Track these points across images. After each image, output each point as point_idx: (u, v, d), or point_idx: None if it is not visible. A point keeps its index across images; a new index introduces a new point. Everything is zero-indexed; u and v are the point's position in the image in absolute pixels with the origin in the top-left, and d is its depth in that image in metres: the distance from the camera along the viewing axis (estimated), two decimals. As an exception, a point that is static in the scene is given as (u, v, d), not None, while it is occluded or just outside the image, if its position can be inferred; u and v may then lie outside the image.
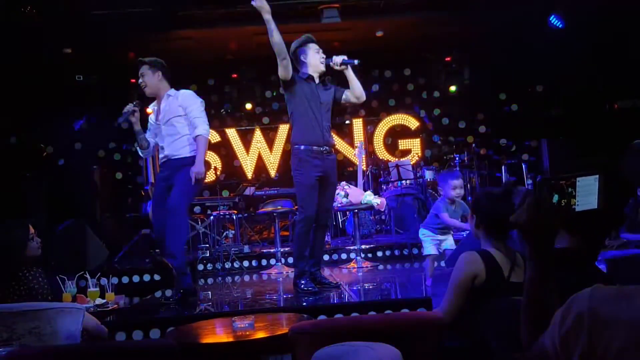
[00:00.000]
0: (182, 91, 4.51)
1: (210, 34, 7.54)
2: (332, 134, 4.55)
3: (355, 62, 4.42)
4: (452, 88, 9.23)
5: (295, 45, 4.50)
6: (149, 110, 4.64)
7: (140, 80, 4.49)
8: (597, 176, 1.36)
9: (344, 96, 4.54)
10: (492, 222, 2.33)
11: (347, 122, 9.34)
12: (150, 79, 4.45)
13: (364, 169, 8.10)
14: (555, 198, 1.32)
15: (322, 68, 4.46)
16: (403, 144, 9.16)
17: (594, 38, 7.38)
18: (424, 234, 4.57)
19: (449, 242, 4.55)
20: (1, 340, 2.54)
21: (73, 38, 6.95)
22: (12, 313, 2.60)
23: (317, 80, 4.46)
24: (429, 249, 4.54)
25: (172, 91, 4.50)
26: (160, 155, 4.53)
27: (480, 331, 2.13)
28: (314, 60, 4.44)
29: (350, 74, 4.45)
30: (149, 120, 4.64)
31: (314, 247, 4.48)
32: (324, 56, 4.46)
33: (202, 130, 4.36)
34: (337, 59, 4.41)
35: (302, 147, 4.32)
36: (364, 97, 4.55)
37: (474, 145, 8.64)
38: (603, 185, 1.36)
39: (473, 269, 2.25)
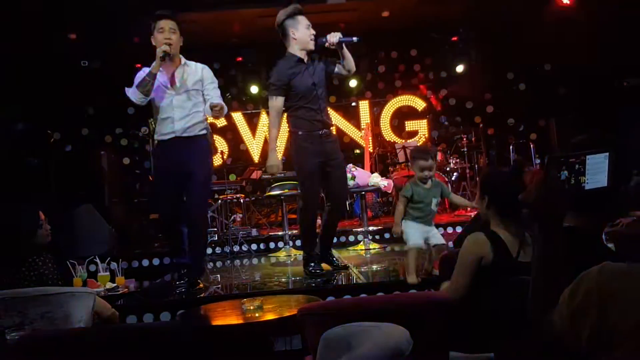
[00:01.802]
0: (200, 64, 4.19)
1: (215, 17, 7.49)
2: (338, 115, 4.39)
3: (354, 39, 4.05)
4: (459, 68, 9.14)
5: (283, 16, 4.17)
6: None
7: (167, 36, 3.97)
8: (607, 154, 1.34)
9: (336, 69, 4.30)
10: (504, 203, 2.31)
11: (354, 104, 9.29)
12: (179, 38, 4.04)
13: (371, 150, 8.08)
14: (564, 175, 1.31)
15: (311, 47, 4.16)
16: (410, 125, 9.11)
17: (602, 14, 7.26)
18: (406, 225, 3.73)
19: (433, 233, 3.76)
20: (14, 324, 2.58)
21: (77, 23, 6.93)
22: (24, 298, 2.63)
23: (305, 60, 4.20)
24: (413, 238, 3.68)
25: (184, 60, 4.13)
26: (165, 130, 4.06)
27: (488, 309, 2.14)
28: (304, 37, 4.14)
29: (345, 51, 4.16)
30: (157, 80, 3.99)
31: (323, 231, 4.44)
32: (314, 32, 4.17)
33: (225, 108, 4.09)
34: (333, 39, 4.05)
35: (300, 132, 4.17)
36: (354, 69, 4.29)
37: (481, 125, 8.59)
38: (612, 163, 1.34)
39: (479, 251, 2.25)
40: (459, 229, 6.02)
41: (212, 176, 4.24)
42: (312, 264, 4.33)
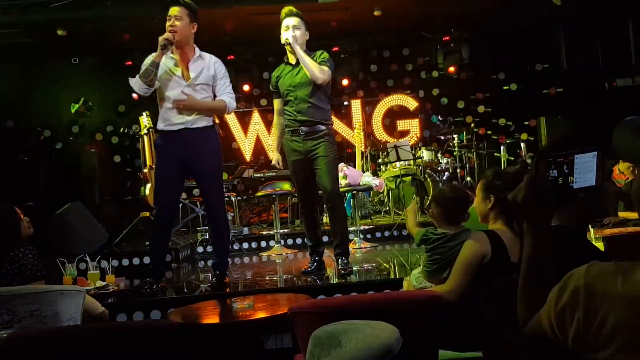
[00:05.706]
0: (214, 57, 4.08)
1: (207, 14, 7.43)
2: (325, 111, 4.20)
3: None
4: (451, 68, 9.15)
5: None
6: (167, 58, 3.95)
7: (170, 23, 3.83)
8: (596, 153, 1.35)
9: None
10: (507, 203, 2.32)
11: (346, 103, 9.29)
12: (186, 26, 3.89)
13: (363, 150, 8.08)
14: (552, 174, 1.31)
15: (286, 47, 4.16)
16: (402, 124, 9.12)
17: (593, 15, 7.32)
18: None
19: None
20: (2, 322, 2.57)
21: (68, 20, 6.88)
22: (13, 295, 2.61)
23: (286, 60, 4.27)
24: None
25: (198, 51, 4.02)
26: (175, 120, 3.89)
27: (477, 308, 2.15)
28: (281, 39, 4.17)
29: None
30: (167, 69, 3.91)
31: (332, 229, 4.42)
32: (287, 35, 4.11)
33: (234, 104, 4.08)
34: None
35: (286, 131, 4.28)
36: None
37: (472, 125, 8.62)
38: (601, 163, 1.35)
39: (483, 249, 2.28)
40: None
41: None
42: (309, 264, 4.36)
